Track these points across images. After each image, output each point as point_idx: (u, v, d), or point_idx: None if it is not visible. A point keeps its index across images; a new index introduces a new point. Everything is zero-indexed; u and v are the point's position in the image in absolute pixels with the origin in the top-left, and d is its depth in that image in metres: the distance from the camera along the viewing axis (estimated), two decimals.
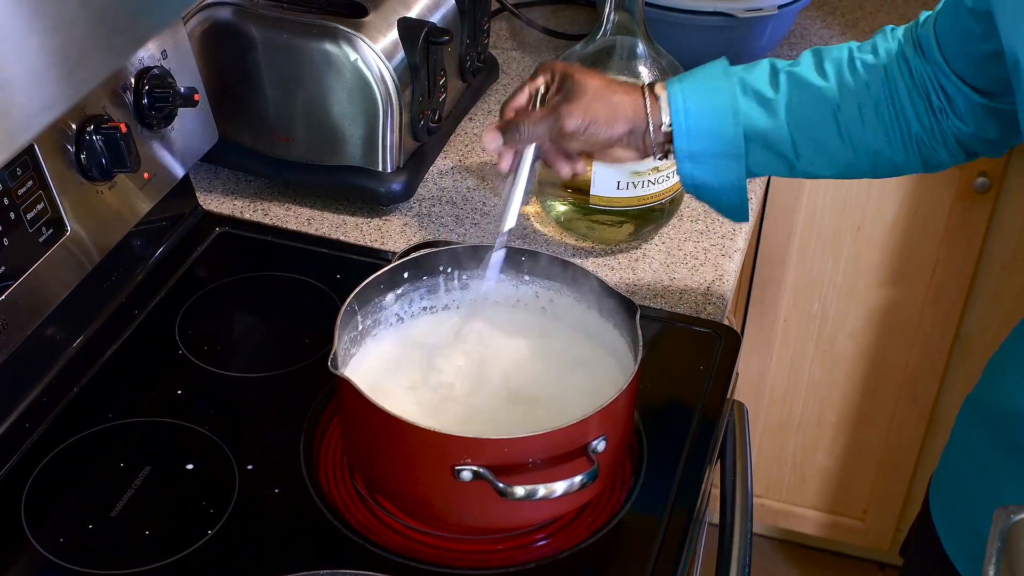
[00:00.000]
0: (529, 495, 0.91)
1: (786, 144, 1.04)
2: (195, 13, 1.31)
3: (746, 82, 1.04)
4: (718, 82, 1.04)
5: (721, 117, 1.03)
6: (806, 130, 1.04)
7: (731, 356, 1.18)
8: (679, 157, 1.05)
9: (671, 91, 1.04)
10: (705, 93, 1.04)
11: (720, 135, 1.03)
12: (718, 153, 1.04)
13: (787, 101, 1.03)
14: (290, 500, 1.02)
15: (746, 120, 1.03)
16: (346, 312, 1.02)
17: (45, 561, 0.96)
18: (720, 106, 1.03)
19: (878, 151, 1.05)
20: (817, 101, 1.03)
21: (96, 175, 1.10)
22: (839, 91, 1.03)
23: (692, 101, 1.03)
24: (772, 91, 1.04)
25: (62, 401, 1.10)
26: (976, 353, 1.86)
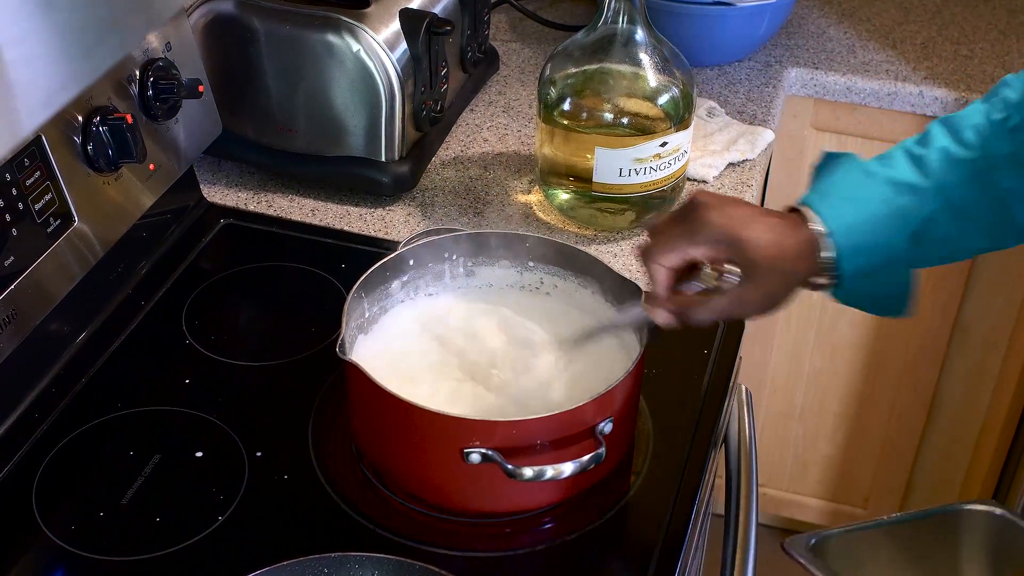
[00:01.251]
0: (537, 476, 0.92)
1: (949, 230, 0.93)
2: (198, 6, 1.31)
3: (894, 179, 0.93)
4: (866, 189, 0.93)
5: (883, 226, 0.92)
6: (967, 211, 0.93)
7: (735, 340, 1.19)
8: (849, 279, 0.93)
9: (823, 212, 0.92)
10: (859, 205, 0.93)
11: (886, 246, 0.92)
12: (884, 264, 0.93)
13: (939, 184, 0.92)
14: (299, 486, 1.03)
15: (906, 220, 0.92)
16: (353, 299, 1.03)
17: (57, 548, 0.97)
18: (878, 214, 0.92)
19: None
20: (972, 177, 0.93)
21: (103, 166, 1.10)
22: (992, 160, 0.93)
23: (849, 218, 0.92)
24: (921, 178, 0.93)
25: (71, 391, 1.11)
26: (975, 339, 1.87)
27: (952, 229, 0.94)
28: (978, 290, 1.82)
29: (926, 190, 0.93)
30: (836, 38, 1.75)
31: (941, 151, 0.94)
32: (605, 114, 1.28)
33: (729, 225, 0.92)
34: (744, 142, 1.48)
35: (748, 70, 1.66)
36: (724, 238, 0.92)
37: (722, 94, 1.61)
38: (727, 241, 0.92)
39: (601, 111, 1.28)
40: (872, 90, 1.65)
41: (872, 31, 1.77)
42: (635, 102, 1.28)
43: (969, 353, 1.89)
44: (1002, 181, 0.93)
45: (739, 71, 1.66)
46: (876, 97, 1.66)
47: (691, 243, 0.93)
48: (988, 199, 0.93)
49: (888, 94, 1.65)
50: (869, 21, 1.80)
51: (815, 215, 0.92)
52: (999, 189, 0.93)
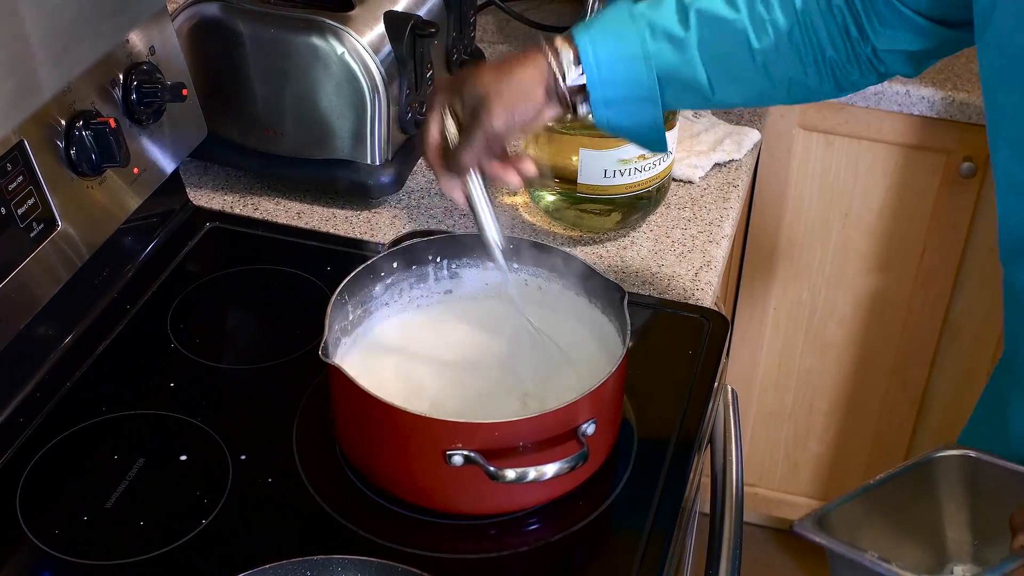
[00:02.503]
0: (520, 478, 0.92)
1: (701, 80, 1.03)
2: (183, 9, 1.31)
3: (655, 24, 1.02)
4: (626, 27, 1.02)
5: (633, 63, 1.01)
6: (720, 64, 1.02)
7: (720, 341, 1.19)
8: (594, 105, 1.02)
9: (580, 42, 1.02)
10: (615, 40, 1.01)
11: (634, 81, 1.01)
12: (633, 98, 1.02)
13: (699, 38, 1.01)
14: (283, 489, 1.03)
15: (659, 63, 1.01)
16: (336, 302, 1.03)
17: (41, 553, 0.97)
18: (631, 53, 1.01)
19: (793, 78, 1.03)
20: (730, 34, 1.02)
21: (86, 170, 1.10)
22: (751, 22, 1.01)
23: (602, 50, 1.01)
24: (683, 30, 1.01)
25: (56, 395, 1.11)
26: (964, 337, 1.87)
27: (703, 79, 1.02)
28: (967, 288, 1.82)
29: (684, 40, 1.01)
30: None
31: (706, 10, 1.02)
32: None
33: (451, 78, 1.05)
34: (730, 142, 1.48)
35: None
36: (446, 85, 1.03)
37: None
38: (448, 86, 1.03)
39: None
40: None
41: None
42: None
43: (958, 351, 1.89)
44: (756, 43, 1.01)
45: None
46: (863, 96, 1.66)
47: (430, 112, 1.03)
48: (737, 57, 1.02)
49: (875, 93, 1.65)
50: None
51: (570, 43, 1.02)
52: (752, 49, 1.01)
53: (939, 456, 0.95)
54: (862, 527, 0.93)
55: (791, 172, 1.78)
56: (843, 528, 0.91)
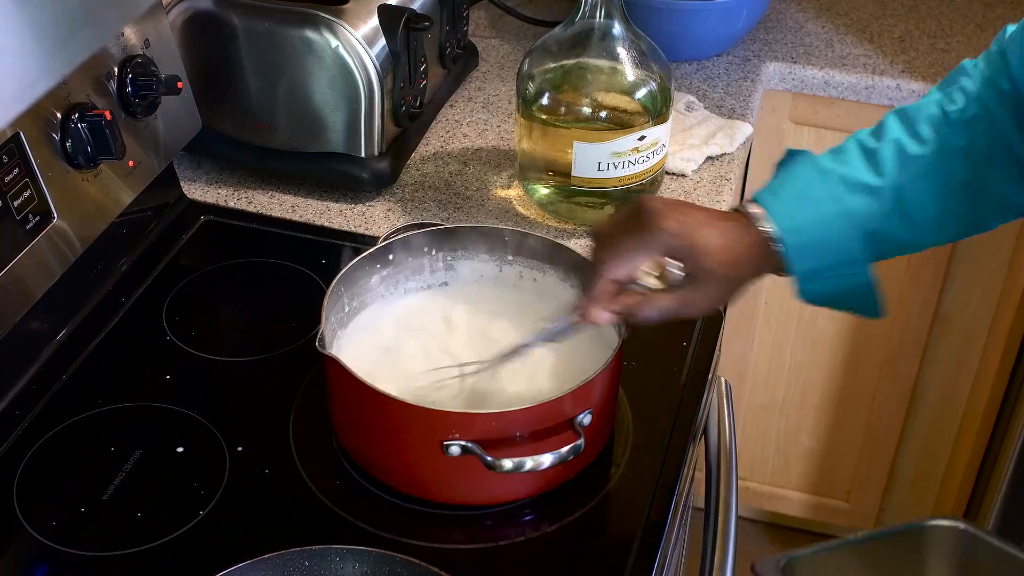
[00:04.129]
0: (517, 468, 0.93)
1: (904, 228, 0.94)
2: (177, 3, 1.32)
3: (847, 177, 0.93)
4: (817, 186, 0.93)
5: (833, 225, 0.92)
6: (922, 208, 0.93)
7: (713, 332, 1.20)
8: (801, 280, 0.94)
9: (774, 212, 0.93)
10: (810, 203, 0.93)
11: (836, 245, 0.92)
12: (838, 264, 0.93)
13: (895, 184, 0.92)
14: (280, 480, 1.03)
15: (860, 219, 0.92)
16: (333, 293, 1.03)
17: (39, 544, 0.97)
18: (828, 213, 0.92)
19: (1004, 200, 0.95)
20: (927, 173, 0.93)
21: (82, 163, 1.10)
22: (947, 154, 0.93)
23: (799, 217, 0.92)
24: (876, 177, 0.93)
25: (52, 388, 1.11)
26: (955, 331, 1.88)
27: (906, 228, 0.93)
28: (957, 282, 1.83)
29: (880, 189, 0.92)
30: (814, 32, 1.76)
31: (895, 145, 0.93)
32: (583, 109, 1.28)
33: (683, 232, 0.91)
34: (722, 136, 1.49)
35: (726, 64, 1.67)
36: (679, 245, 0.91)
37: (700, 88, 1.62)
38: (682, 249, 0.91)
39: (579, 106, 1.29)
40: (850, 84, 1.66)
41: (850, 25, 1.78)
42: (613, 96, 1.29)
43: (949, 345, 1.90)
44: (957, 174, 0.92)
45: (717, 65, 1.67)
46: (854, 91, 1.67)
47: (646, 252, 0.92)
48: (942, 194, 0.93)
49: (866, 87, 1.66)
50: (847, 15, 1.81)
51: (765, 214, 0.92)
52: (954, 183, 0.93)
53: (931, 525, 0.92)
54: None
55: None
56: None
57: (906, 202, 0.93)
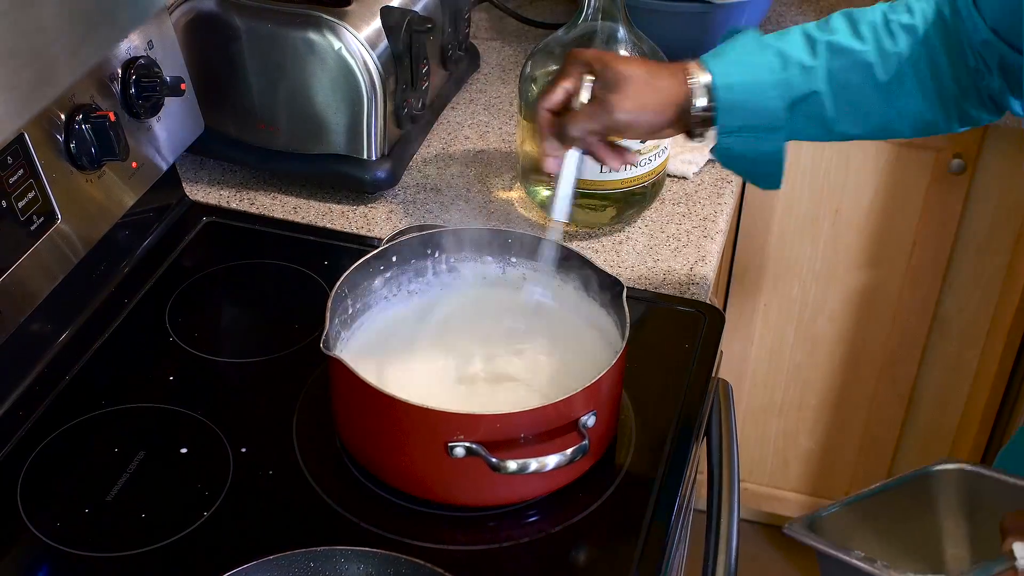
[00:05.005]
0: (521, 469, 0.93)
1: (827, 110, 1.05)
2: (180, 4, 1.32)
3: (784, 52, 1.04)
4: (756, 56, 1.04)
5: (764, 91, 1.03)
6: (846, 95, 1.04)
7: (715, 335, 1.20)
8: (721, 132, 1.05)
9: (713, 68, 1.03)
10: (747, 68, 1.04)
11: (765, 110, 1.04)
12: (761, 127, 1.04)
13: (827, 68, 1.03)
14: (284, 481, 1.03)
15: (788, 91, 1.03)
16: (337, 295, 1.04)
17: (43, 545, 0.97)
18: (762, 80, 1.03)
19: (917, 112, 1.06)
20: (857, 66, 1.04)
21: (85, 164, 1.10)
22: (878, 54, 1.04)
23: (735, 77, 1.03)
24: (811, 59, 1.04)
25: (55, 389, 1.11)
26: (954, 333, 1.88)
27: (829, 109, 1.04)
28: (956, 284, 1.83)
29: (813, 69, 1.03)
30: None
31: (834, 41, 1.04)
32: None
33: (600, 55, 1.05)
34: None
35: None
36: (591, 58, 1.04)
37: None
38: (596, 62, 1.03)
39: None
40: None
41: None
42: None
43: (948, 347, 1.91)
44: (880, 75, 1.03)
45: None
46: None
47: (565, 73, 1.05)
48: (864, 89, 1.04)
49: None
50: None
51: (700, 66, 1.03)
52: (876, 82, 1.04)
53: (937, 469, 0.95)
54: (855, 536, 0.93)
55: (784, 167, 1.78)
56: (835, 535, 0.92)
57: (833, 88, 1.04)
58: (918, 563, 0.94)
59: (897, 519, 0.96)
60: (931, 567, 0.95)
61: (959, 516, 0.95)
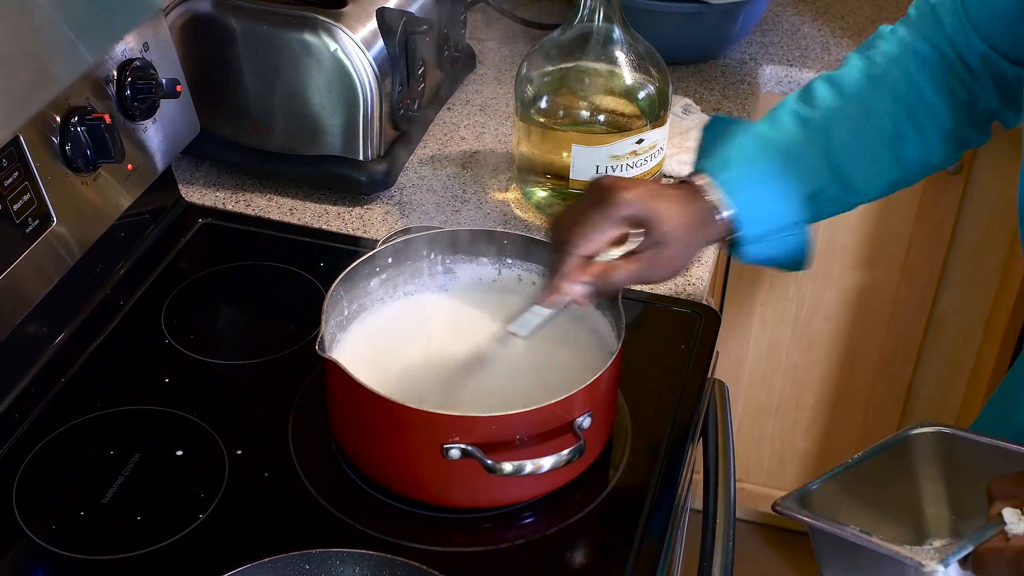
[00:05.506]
0: (517, 471, 0.93)
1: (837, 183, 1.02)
2: (175, 5, 1.32)
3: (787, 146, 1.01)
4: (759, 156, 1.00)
5: (781, 195, 1.00)
6: (852, 164, 1.02)
7: (711, 335, 1.20)
8: (746, 241, 1.00)
9: (719, 180, 0.99)
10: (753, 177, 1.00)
11: (783, 211, 1.00)
12: (783, 227, 1.01)
13: (828, 146, 1.01)
14: (280, 483, 1.03)
15: (799, 182, 1.00)
16: (332, 297, 1.04)
17: (38, 548, 0.97)
18: (776, 185, 1.00)
19: (923, 156, 1.04)
20: (855, 131, 1.02)
21: (81, 166, 1.10)
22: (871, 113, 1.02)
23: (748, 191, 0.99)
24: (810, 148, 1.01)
25: (51, 392, 1.11)
26: (950, 333, 1.89)
27: (840, 187, 1.02)
28: (952, 284, 1.83)
29: (816, 153, 1.01)
30: (810, 35, 1.76)
31: (825, 107, 1.02)
32: (581, 112, 1.29)
33: (640, 200, 0.95)
34: None
35: (723, 68, 1.67)
36: (637, 213, 0.95)
37: (698, 91, 1.62)
38: (640, 215, 0.95)
39: (577, 109, 1.29)
40: None
41: (846, 28, 1.78)
42: (611, 100, 1.29)
43: (944, 347, 1.91)
44: (882, 133, 1.02)
45: (714, 69, 1.67)
46: None
47: (609, 223, 0.95)
48: (869, 152, 1.02)
49: None
50: (843, 19, 1.81)
51: (713, 183, 0.98)
52: (879, 141, 1.02)
53: (915, 433, 0.97)
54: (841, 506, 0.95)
55: None
56: (823, 507, 0.93)
57: (838, 162, 1.01)
58: (900, 525, 0.96)
59: (879, 484, 0.97)
60: (912, 529, 0.96)
61: (937, 477, 0.97)
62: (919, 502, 0.98)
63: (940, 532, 0.96)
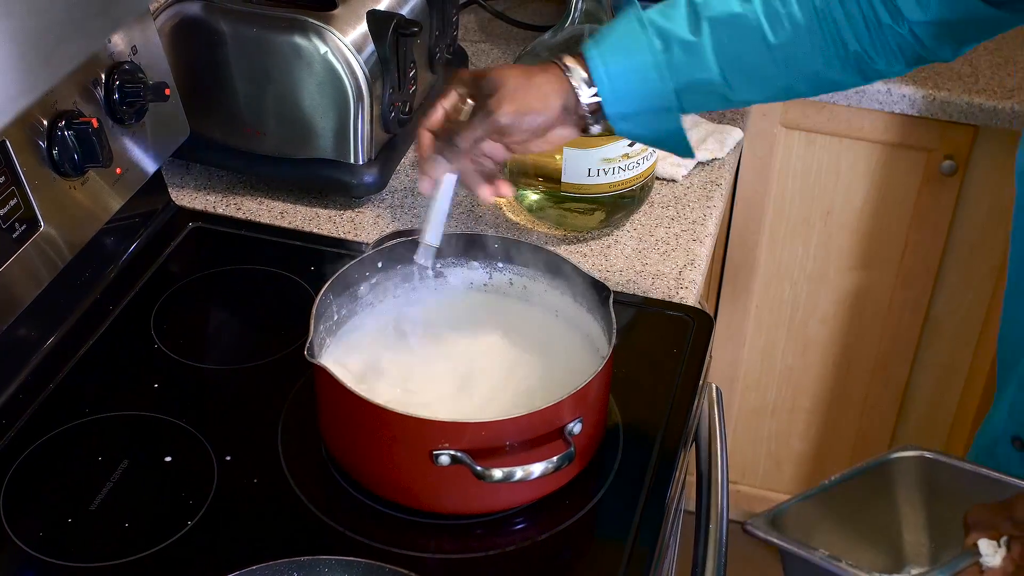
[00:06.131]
0: (507, 477, 0.92)
1: (718, 83, 1.01)
2: (164, 8, 1.31)
3: (666, 32, 1.00)
4: (636, 39, 1.00)
5: (646, 75, 1.00)
6: (738, 64, 1.01)
7: (704, 339, 1.19)
8: (612, 120, 1.02)
9: (590, 58, 1.00)
10: (624, 54, 1.00)
11: (649, 93, 1.00)
12: (650, 109, 1.01)
13: (713, 41, 0.99)
14: (269, 490, 1.02)
15: (673, 72, 1.00)
16: (321, 302, 1.03)
17: (25, 556, 0.96)
18: (642, 64, 0.99)
19: (816, 72, 1.02)
20: (744, 32, 1.00)
21: (68, 170, 1.10)
22: (766, 17, 0.99)
23: (613, 66, 1.00)
24: (695, 35, 0.99)
25: (38, 397, 1.10)
26: (946, 335, 1.88)
27: (720, 84, 1.01)
28: (948, 285, 1.83)
29: (696, 45, 1.00)
30: None
31: (719, 13, 1.00)
32: None
33: (478, 71, 1.03)
34: (713, 141, 1.48)
35: None
36: (472, 75, 1.02)
37: None
38: (474, 75, 1.02)
39: None
40: None
41: None
42: None
43: (939, 348, 1.90)
44: (773, 38, 1.00)
45: None
46: (844, 95, 1.67)
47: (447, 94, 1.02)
48: (761, 56, 1.00)
49: (856, 92, 1.66)
50: None
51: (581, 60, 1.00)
52: (769, 46, 1.00)
53: (896, 457, 0.95)
54: (817, 528, 0.93)
55: (773, 170, 1.78)
56: (797, 528, 0.91)
57: (721, 61, 1.00)
58: (877, 551, 0.95)
59: (857, 508, 0.96)
60: (890, 555, 0.95)
61: (917, 503, 0.96)
62: (898, 528, 0.96)
63: (918, 560, 0.95)
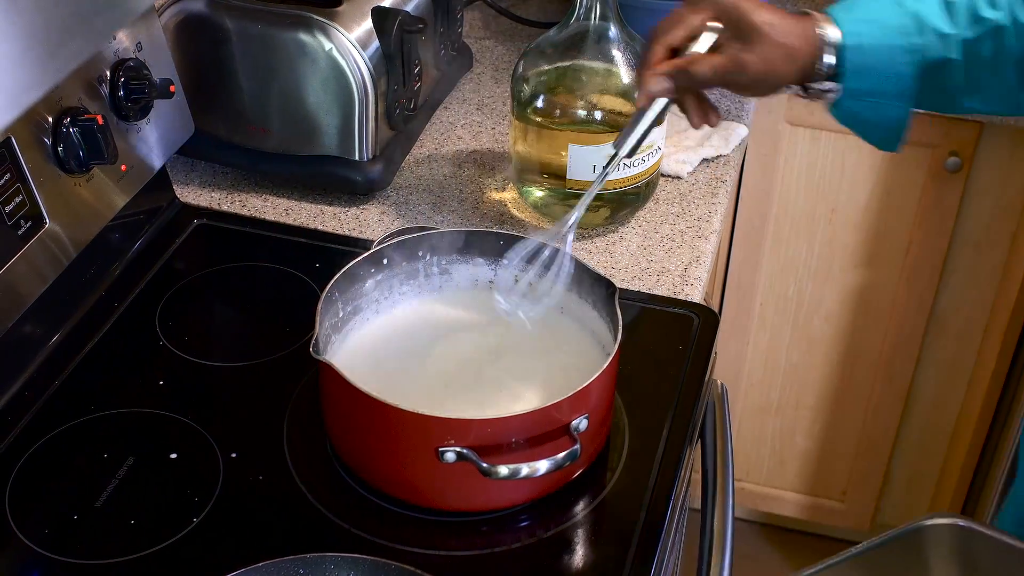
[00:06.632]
0: (512, 474, 0.92)
1: (956, 82, 0.99)
2: (169, 5, 1.31)
3: (921, 16, 0.97)
4: (891, 16, 0.97)
5: (896, 56, 0.97)
6: (979, 69, 0.98)
7: (710, 336, 1.19)
8: (845, 95, 0.99)
9: (843, 26, 0.97)
10: (880, 29, 0.97)
11: (893, 76, 0.97)
12: (886, 92, 0.98)
13: (963, 37, 0.97)
14: (274, 487, 1.02)
15: (921, 59, 0.97)
16: (327, 298, 1.03)
17: (31, 552, 0.96)
18: (895, 44, 0.97)
19: None
20: (992, 38, 0.97)
21: (73, 167, 1.10)
22: (1014, 27, 0.97)
23: (867, 39, 0.96)
24: (949, 26, 0.97)
25: (44, 394, 1.10)
26: (950, 332, 1.88)
27: (959, 81, 0.98)
28: (953, 282, 1.83)
29: (948, 37, 0.97)
30: None
31: (971, 2, 0.97)
32: (578, 111, 1.28)
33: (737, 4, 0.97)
34: (718, 138, 1.48)
35: None
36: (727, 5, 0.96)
37: None
38: (730, 8, 0.96)
39: (574, 108, 1.28)
40: None
41: None
42: (608, 98, 1.29)
43: (944, 345, 1.90)
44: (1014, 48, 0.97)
45: None
46: None
47: (694, 12, 0.98)
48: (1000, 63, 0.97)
49: None
50: None
51: (833, 24, 0.96)
52: (1009, 55, 0.97)
53: (929, 524, 0.93)
54: None
55: (778, 167, 1.78)
56: None
57: (967, 60, 0.97)
58: None
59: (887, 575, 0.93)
60: None
61: (951, 573, 0.93)
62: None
63: None
